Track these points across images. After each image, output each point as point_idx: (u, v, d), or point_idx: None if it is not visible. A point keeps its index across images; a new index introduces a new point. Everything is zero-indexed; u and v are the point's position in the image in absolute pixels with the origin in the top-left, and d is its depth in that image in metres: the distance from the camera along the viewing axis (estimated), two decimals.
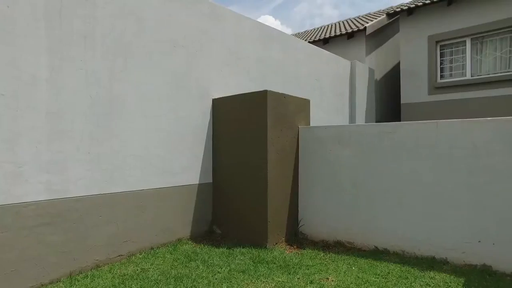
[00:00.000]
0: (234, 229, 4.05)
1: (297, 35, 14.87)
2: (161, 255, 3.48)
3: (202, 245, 3.85)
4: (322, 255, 3.49)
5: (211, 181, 4.33)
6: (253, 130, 3.79)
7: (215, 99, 4.29)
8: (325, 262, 3.26)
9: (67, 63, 3.00)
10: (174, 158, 3.90)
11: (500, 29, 7.86)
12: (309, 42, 9.87)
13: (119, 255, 3.36)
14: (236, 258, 3.39)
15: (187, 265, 3.23)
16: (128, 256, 3.43)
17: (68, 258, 2.98)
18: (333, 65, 7.10)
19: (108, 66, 3.31)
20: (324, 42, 9.81)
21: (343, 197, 3.77)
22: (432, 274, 2.91)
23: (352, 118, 7.72)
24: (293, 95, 4.64)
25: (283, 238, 3.91)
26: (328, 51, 8.46)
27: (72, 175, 3.03)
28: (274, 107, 3.71)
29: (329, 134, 3.85)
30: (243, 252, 3.55)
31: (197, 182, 4.17)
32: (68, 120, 3.01)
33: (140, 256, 3.46)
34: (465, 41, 8.35)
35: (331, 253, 3.53)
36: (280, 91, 4.47)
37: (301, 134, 4.07)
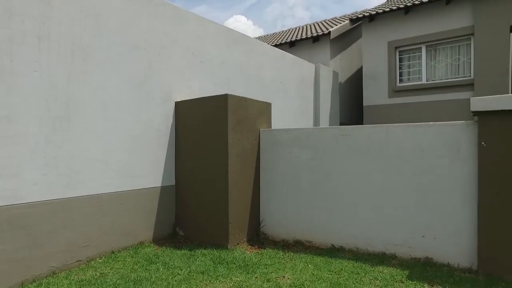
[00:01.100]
0: (197, 231, 4.09)
1: (266, 37, 15.06)
2: (122, 259, 3.46)
3: (164, 247, 3.86)
4: (281, 254, 3.61)
5: (174, 183, 4.35)
6: (214, 133, 3.85)
7: (178, 102, 4.31)
8: (283, 261, 3.38)
9: (19, 65, 2.92)
10: (136, 161, 3.88)
11: (450, 38, 8.41)
12: (276, 44, 10.05)
13: (77, 261, 3.31)
14: (197, 259, 3.44)
15: (148, 268, 3.24)
16: (88, 261, 3.39)
17: (20, 266, 2.90)
18: (297, 68, 7.29)
19: (66, 69, 3.26)
20: (291, 45, 10.02)
21: (302, 197, 3.92)
22: (381, 268, 3.10)
23: (316, 120, 7.96)
24: (257, 97, 4.75)
25: (245, 239, 4.00)
26: (295, 54, 8.67)
27: (26, 180, 2.95)
28: (235, 110, 3.80)
29: (289, 136, 3.99)
30: (204, 253, 3.61)
31: (159, 184, 4.17)
32: (21, 124, 2.93)
33: (100, 260, 3.43)
34: (420, 48, 8.84)
35: (290, 252, 3.66)
36: (244, 94, 4.56)
37: (262, 137, 4.18)
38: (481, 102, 2.80)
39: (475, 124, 2.95)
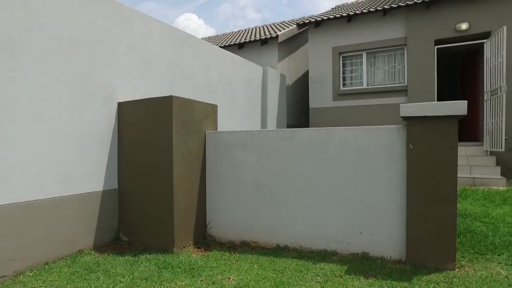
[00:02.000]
0: (141, 235, 3.96)
1: (215, 37, 15.00)
2: (57, 270, 3.24)
3: (106, 254, 3.69)
4: (227, 255, 3.63)
5: (117, 187, 4.17)
6: (159, 135, 3.77)
7: (121, 102, 4.14)
8: (229, 263, 3.41)
9: None
10: (75, 164, 3.66)
11: (387, 47, 9.07)
12: (225, 45, 10.06)
13: (1, 277, 3.02)
14: (141, 265, 3.33)
15: (87, 277, 3.07)
16: (15, 276, 3.11)
17: None
18: (245, 70, 7.36)
19: None
20: (239, 46, 10.10)
21: (248, 199, 3.98)
22: (322, 265, 3.25)
23: (264, 122, 8.10)
24: (205, 99, 4.72)
25: (191, 242, 3.96)
26: (243, 55, 8.75)
27: None
28: (180, 112, 3.75)
29: (235, 139, 4.02)
30: (148, 258, 3.51)
31: (101, 189, 3.98)
32: None
33: (31, 274, 3.17)
34: (362, 54, 9.41)
35: (236, 253, 3.69)
36: (191, 95, 4.51)
37: (208, 139, 4.17)
38: (408, 108, 3.08)
39: (404, 128, 3.22)
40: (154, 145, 3.82)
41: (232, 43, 10.15)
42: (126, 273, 3.14)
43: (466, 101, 2.93)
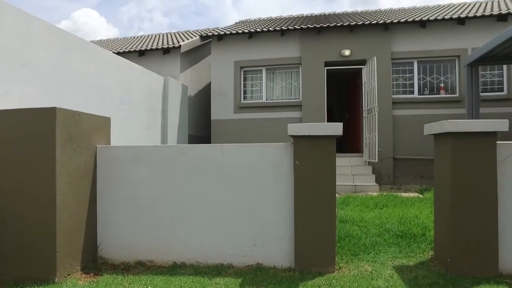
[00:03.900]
0: (15, 266, 3.43)
1: (115, 41, 14.10)
2: None
3: None
4: (120, 279, 3.41)
5: None
6: (39, 150, 3.35)
7: None
8: (121, 287, 3.21)
9: None
10: None
11: (285, 64, 9.81)
12: (125, 52, 9.53)
13: None
14: None
15: None
16: None
17: None
18: (144, 79, 7.09)
19: None
20: (140, 54, 9.70)
21: (143, 216, 3.82)
22: (218, 280, 3.30)
23: (164, 133, 7.90)
24: (98, 109, 4.38)
25: (78, 267, 3.61)
26: (144, 64, 8.42)
27: None
28: (65, 125, 3.41)
29: (128, 154, 3.83)
30: None
31: None
32: None
33: None
34: (262, 70, 9.96)
35: (130, 275, 3.49)
36: (82, 104, 4.14)
37: (99, 154, 3.88)
38: (294, 128, 3.39)
39: (292, 145, 3.52)
40: (34, 162, 3.38)
41: (132, 50, 9.67)
42: None
43: (342, 123, 3.36)
